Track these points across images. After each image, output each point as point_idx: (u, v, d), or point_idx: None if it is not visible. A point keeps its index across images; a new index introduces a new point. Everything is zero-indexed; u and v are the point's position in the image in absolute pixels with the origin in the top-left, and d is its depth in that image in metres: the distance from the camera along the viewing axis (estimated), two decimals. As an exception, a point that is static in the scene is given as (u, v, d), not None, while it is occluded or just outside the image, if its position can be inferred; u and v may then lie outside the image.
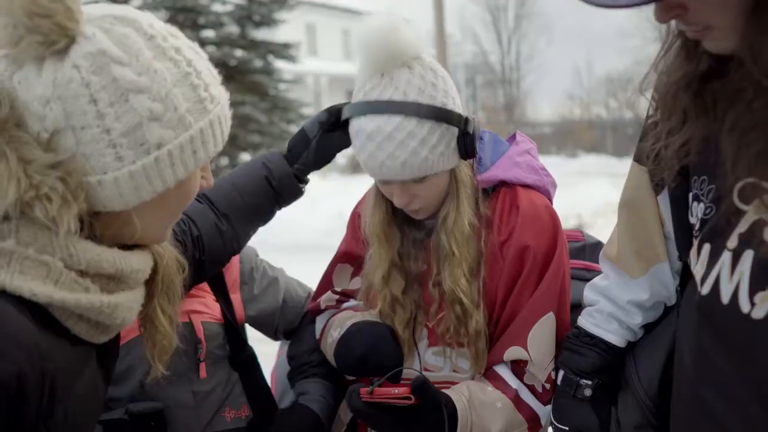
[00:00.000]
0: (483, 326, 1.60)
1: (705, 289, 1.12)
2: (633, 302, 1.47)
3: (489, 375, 1.62)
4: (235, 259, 1.81)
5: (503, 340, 1.61)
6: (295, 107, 19.11)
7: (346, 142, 1.63)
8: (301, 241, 9.26)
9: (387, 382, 1.49)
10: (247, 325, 1.93)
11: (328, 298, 1.85)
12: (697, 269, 1.15)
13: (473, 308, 1.58)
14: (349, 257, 1.83)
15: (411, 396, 1.44)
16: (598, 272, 1.72)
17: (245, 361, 1.78)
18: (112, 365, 1.17)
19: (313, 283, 1.96)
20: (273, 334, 1.99)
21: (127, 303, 1.05)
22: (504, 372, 1.61)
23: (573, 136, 34.22)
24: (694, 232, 1.18)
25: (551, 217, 1.63)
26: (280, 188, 1.64)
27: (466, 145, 1.54)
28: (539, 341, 1.58)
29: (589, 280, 1.73)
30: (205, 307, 1.73)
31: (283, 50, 18.79)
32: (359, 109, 1.53)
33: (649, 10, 1.02)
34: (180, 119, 0.99)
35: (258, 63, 18.50)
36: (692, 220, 1.19)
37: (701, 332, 1.14)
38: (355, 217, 1.83)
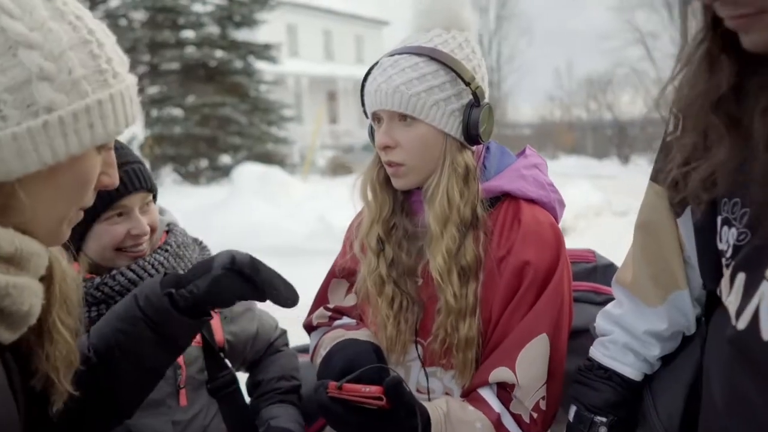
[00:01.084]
0: (475, 336, 1.49)
1: (741, 324, 1.02)
2: (650, 332, 1.37)
3: (471, 397, 1.50)
4: None
5: (491, 359, 1.49)
6: (276, 108, 19.06)
7: (246, 294, 1.33)
8: (282, 244, 9.19)
9: (360, 380, 1.37)
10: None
11: (320, 314, 1.76)
12: (731, 300, 1.06)
13: (464, 305, 1.48)
14: (344, 272, 1.73)
15: (383, 396, 1.31)
16: (607, 295, 1.63)
17: (225, 386, 1.71)
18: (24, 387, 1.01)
19: (297, 287, 1.87)
20: (240, 363, 1.85)
21: (34, 287, 0.94)
22: (488, 395, 1.49)
23: (553, 138, 34.44)
24: (724, 259, 1.09)
25: (555, 235, 1.52)
26: (146, 308, 1.25)
27: (470, 117, 1.47)
28: (529, 364, 1.46)
29: (597, 303, 1.65)
30: None
31: (263, 51, 18.74)
32: (385, 54, 1.54)
33: (631, 11, 0.97)
34: (74, 84, 0.91)
35: (238, 64, 18.43)
36: (721, 245, 1.09)
37: (735, 369, 1.06)
38: (352, 231, 1.72)
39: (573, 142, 36.48)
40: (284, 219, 10.12)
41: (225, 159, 18.26)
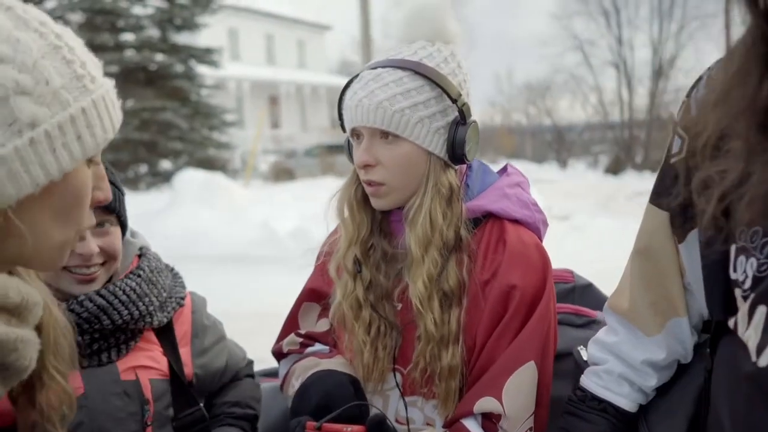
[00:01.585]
0: (459, 364, 1.41)
1: (763, 360, 0.96)
2: (648, 362, 1.30)
3: (455, 428, 1.43)
4: (187, 309, 1.65)
5: (476, 389, 1.41)
6: (218, 113, 18.85)
7: None
8: (225, 252, 9.09)
9: (339, 419, 1.34)
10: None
11: (291, 341, 1.66)
12: (749, 335, 0.99)
13: (446, 332, 1.41)
14: (315, 295, 1.64)
15: None
16: (587, 317, 1.61)
17: (193, 424, 1.61)
18: None
19: (242, 296, 1.83)
20: (206, 396, 1.76)
21: (34, 340, 0.90)
22: (472, 426, 1.41)
23: (493, 142, 34.84)
24: (740, 290, 1.02)
25: (541, 257, 1.46)
26: None
27: (456, 136, 1.41)
28: (516, 393, 1.39)
29: (577, 325, 1.60)
30: (153, 361, 1.55)
31: (205, 55, 18.53)
32: (366, 66, 1.46)
33: (569, 19, 0.94)
34: (54, 95, 0.84)
35: (179, 68, 18.19)
36: (736, 275, 1.03)
37: (755, 406, 0.99)
38: (324, 252, 1.64)
39: (513, 147, 37.00)
40: (227, 226, 10.00)
41: (165, 164, 17.98)
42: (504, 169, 1.60)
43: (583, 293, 1.69)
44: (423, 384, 1.45)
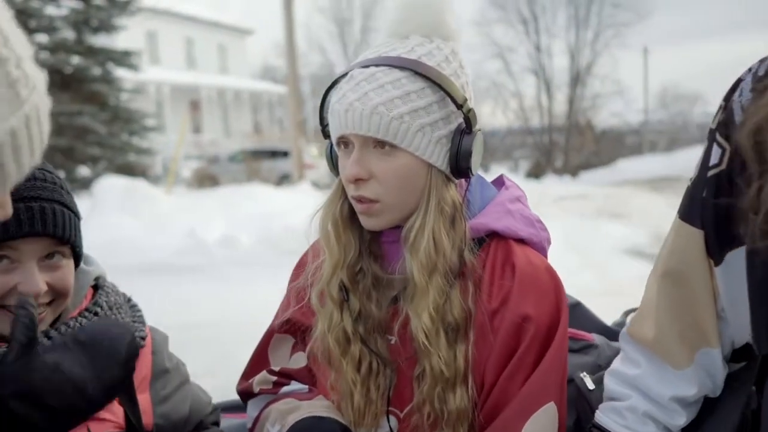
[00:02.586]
0: (468, 407, 1.24)
1: None
2: (676, 399, 1.18)
3: None
4: (147, 350, 1.42)
5: None
6: (138, 118, 18.34)
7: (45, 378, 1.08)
8: (149, 261, 8.78)
9: None
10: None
11: (263, 379, 1.45)
12: None
13: (453, 372, 1.24)
14: (289, 326, 1.45)
15: None
16: (585, 341, 1.50)
17: None
18: None
19: (169, 307, 1.63)
20: None
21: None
22: None
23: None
24: None
25: (552, 281, 1.29)
26: None
27: (461, 146, 1.23)
28: None
29: (575, 350, 1.46)
30: (107, 412, 1.31)
31: (123, 58, 18.01)
32: (355, 64, 1.26)
33: (489, 26, 0.84)
34: None
35: (96, 71, 17.62)
36: None
37: None
38: (300, 269, 1.45)
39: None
40: (151, 234, 9.68)
41: (83, 171, 17.38)
42: (500, 181, 1.43)
43: (573, 312, 1.54)
44: (427, 430, 1.28)
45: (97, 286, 1.39)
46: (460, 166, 1.25)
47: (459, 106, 1.23)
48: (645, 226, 11.61)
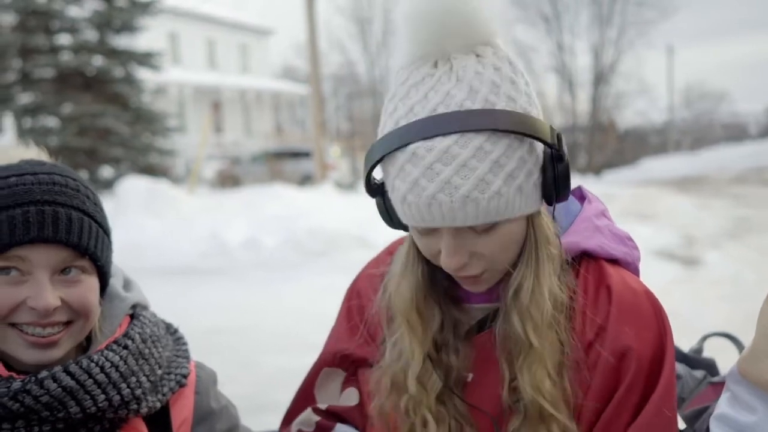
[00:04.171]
0: None
1: None
2: None
3: None
4: (189, 390, 1.26)
5: None
6: (160, 119, 18.37)
7: None
8: (173, 264, 8.73)
9: None
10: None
11: (305, 420, 1.28)
12: None
13: (563, 423, 1.07)
14: (340, 359, 1.28)
15: None
16: None
17: None
18: None
19: (191, 311, 1.48)
20: None
21: None
22: None
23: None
24: None
25: (653, 307, 1.11)
26: None
27: (558, 179, 1.03)
28: None
29: None
30: None
31: (145, 59, 18.04)
32: (413, 133, 0.98)
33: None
34: None
35: (119, 72, 17.66)
36: None
37: None
38: (354, 297, 1.29)
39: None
40: (173, 236, 9.63)
41: (106, 172, 17.44)
42: (580, 194, 1.24)
43: None
44: None
45: (133, 316, 1.22)
46: (558, 197, 1.05)
47: (550, 145, 1.02)
48: (674, 227, 11.40)
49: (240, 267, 8.65)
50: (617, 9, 31.76)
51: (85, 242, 1.08)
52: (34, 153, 1.15)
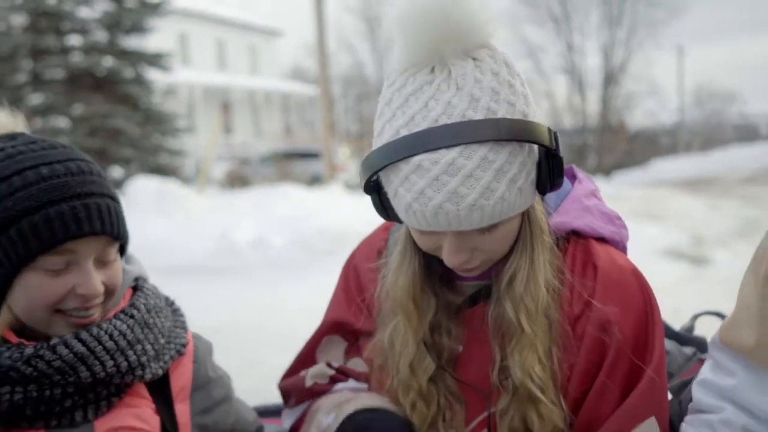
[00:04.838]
0: (560, 426, 1.12)
1: None
2: None
3: None
4: (187, 359, 1.33)
5: None
6: (170, 119, 18.43)
7: None
8: (183, 263, 8.76)
9: None
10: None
11: (319, 372, 1.33)
12: None
13: (550, 406, 1.11)
14: (340, 328, 1.34)
15: None
16: None
17: None
18: None
19: (201, 310, 1.53)
20: None
21: None
22: None
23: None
24: None
25: (639, 284, 1.16)
26: None
27: (553, 173, 1.06)
28: None
29: None
30: (141, 421, 1.22)
31: (155, 60, 18.10)
32: (403, 147, 1.00)
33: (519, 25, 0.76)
34: None
35: (129, 73, 17.73)
36: None
37: None
38: (351, 272, 1.33)
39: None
40: (183, 236, 9.67)
41: (116, 172, 17.52)
42: (571, 174, 1.28)
43: None
44: None
45: (136, 288, 1.30)
46: (552, 189, 1.09)
47: (549, 149, 1.05)
48: (683, 227, 11.37)
49: (249, 266, 8.69)
50: (627, 9, 31.69)
51: (122, 230, 1.19)
52: (8, 119, 1.28)
